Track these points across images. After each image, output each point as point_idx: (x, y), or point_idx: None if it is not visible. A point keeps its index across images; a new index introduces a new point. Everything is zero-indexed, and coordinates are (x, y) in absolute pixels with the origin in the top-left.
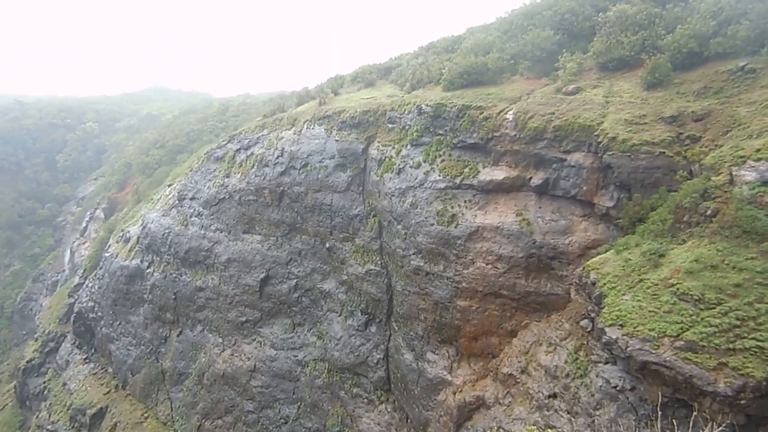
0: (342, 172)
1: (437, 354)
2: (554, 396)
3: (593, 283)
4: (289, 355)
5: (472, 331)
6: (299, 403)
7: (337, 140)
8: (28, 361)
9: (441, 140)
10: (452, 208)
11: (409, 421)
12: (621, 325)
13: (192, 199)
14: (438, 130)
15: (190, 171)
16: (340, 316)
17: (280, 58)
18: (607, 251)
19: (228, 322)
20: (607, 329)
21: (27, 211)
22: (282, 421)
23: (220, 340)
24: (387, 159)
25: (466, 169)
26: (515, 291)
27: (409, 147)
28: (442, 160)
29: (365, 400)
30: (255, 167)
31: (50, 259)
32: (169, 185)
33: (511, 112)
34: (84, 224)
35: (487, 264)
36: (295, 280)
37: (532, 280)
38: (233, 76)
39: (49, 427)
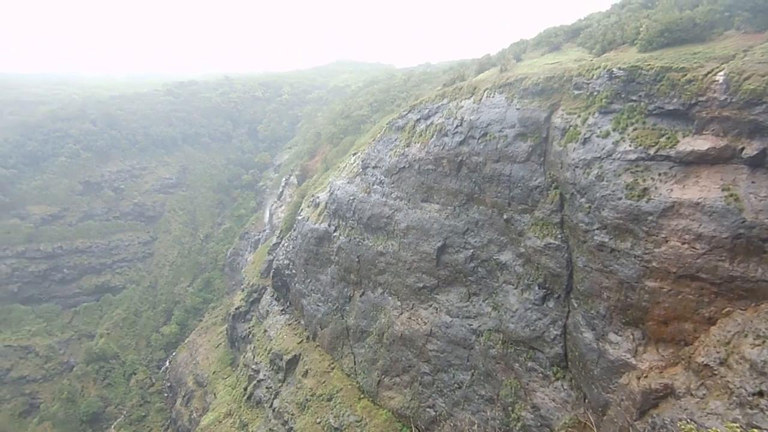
0: (522, 142)
1: (620, 336)
2: (761, 394)
3: None
4: (464, 323)
5: (662, 315)
6: (473, 371)
7: (518, 108)
8: (236, 309)
9: (634, 107)
10: (644, 181)
11: (586, 401)
12: None
13: (374, 167)
14: (631, 96)
15: (373, 140)
16: (516, 288)
17: (461, 25)
18: None
19: (406, 287)
20: None
21: (234, 176)
22: (456, 385)
23: (399, 303)
24: (571, 128)
25: (662, 139)
26: (716, 275)
27: (596, 115)
28: (634, 129)
29: (540, 375)
30: (434, 137)
31: (253, 219)
32: (354, 154)
33: (721, 73)
34: (280, 189)
35: (683, 243)
36: (471, 250)
37: (739, 263)
38: (415, 45)
39: (253, 366)
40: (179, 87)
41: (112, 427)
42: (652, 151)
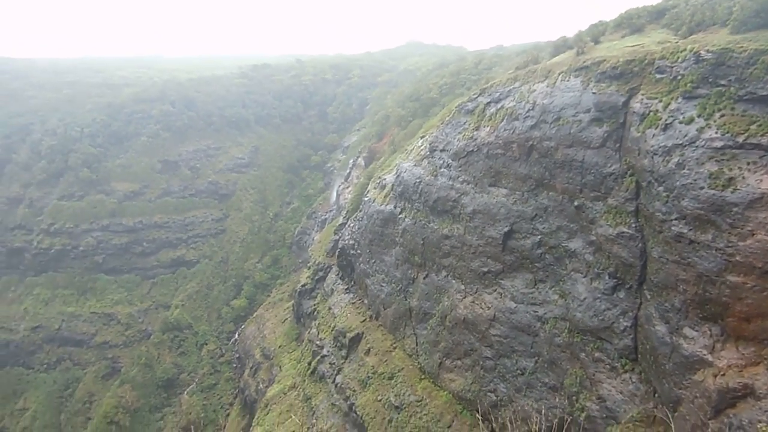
0: (597, 127)
1: (697, 331)
2: None
3: None
4: (529, 310)
5: (744, 312)
6: (537, 358)
7: (594, 93)
8: (302, 286)
9: (722, 92)
10: (730, 170)
11: (656, 395)
12: None
13: (442, 150)
14: (719, 81)
15: (442, 123)
16: (585, 277)
17: (537, 6)
18: None
19: (470, 271)
20: None
21: (303, 157)
22: (519, 372)
23: (463, 286)
24: (651, 113)
25: (753, 126)
26: None
27: (680, 100)
28: (722, 115)
29: (607, 366)
30: (504, 120)
31: (321, 199)
32: (422, 137)
33: None
34: (348, 170)
35: None
36: (539, 237)
37: None
38: (487, 28)
39: (317, 342)
40: (253, 70)
41: (185, 392)
42: (740, 139)
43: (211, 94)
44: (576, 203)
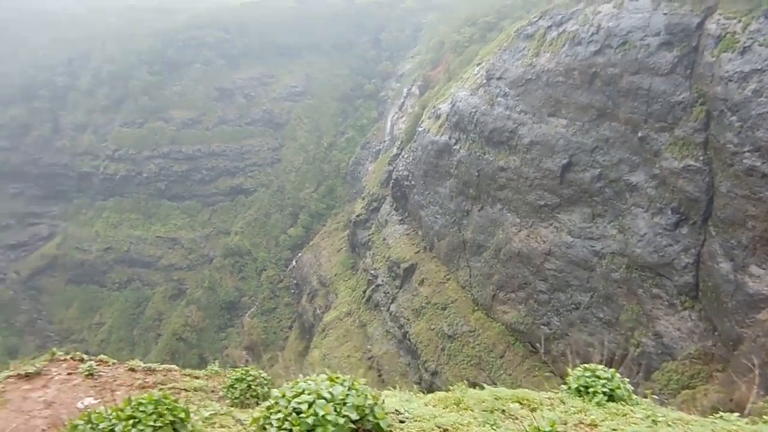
0: (667, 52)
1: (764, 269)
2: None
3: None
4: (586, 245)
5: None
6: (592, 293)
7: (665, 13)
8: (357, 216)
9: None
10: None
11: (716, 333)
12: None
13: (499, 78)
14: None
15: (499, 50)
16: (646, 212)
17: None
18: None
19: (526, 204)
20: None
21: (356, 86)
22: (573, 306)
23: (518, 220)
24: (728, 35)
25: None
26: None
27: (761, 20)
28: None
29: (665, 303)
30: (566, 46)
31: (374, 129)
32: (478, 64)
33: None
34: (402, 99)
35: None
36: (599, 169)
37: None
38: None
39: (372, 271)
40: None
41: (247, 315)
42: None
43: (264, 19)
44: (640, 134)
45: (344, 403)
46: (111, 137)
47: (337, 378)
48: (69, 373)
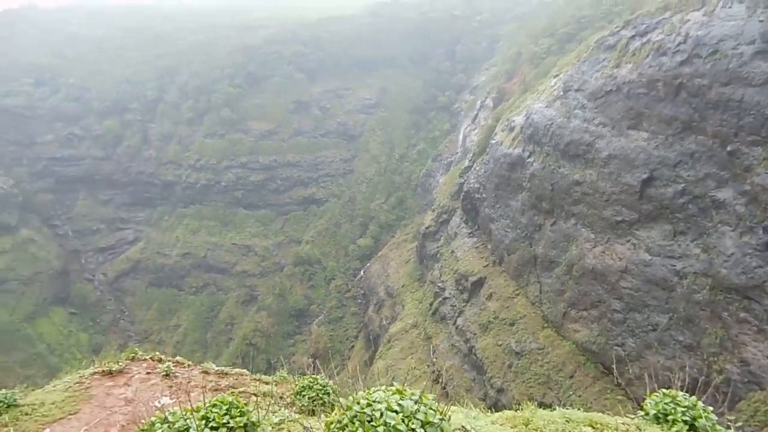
0: (762, 61)
1: None
2: None
3: None
4: (666, 263)
5: None
6: (671, 314)
7: (761, 20)
8: (426, 228)
9: None
10: None
11: None
12: None
13: (577, 90)
14: None
15: (578, 61)
16: (734, 230)
17: None
18: None
19: (602, 219)
20: None
21: (430, 98)
22: (650, 327)
23: (593, 235)
24: None
25: None
26: None
27: None
28: None
29: (754, 328)
30: (650, 56)
31: (446, 142)
32: (555, 76)
33: None
34: (475, 111)
35: None
36: (682, 185)
37: None
38: None
39: (439, 284)
40: (381, 8)
41: (314, 323)
42: None
43: (340, 33)
44: (729, 148)
45: (414, 417)
46: (194, 148)
47: (405, 391)
48: (148, 373)
